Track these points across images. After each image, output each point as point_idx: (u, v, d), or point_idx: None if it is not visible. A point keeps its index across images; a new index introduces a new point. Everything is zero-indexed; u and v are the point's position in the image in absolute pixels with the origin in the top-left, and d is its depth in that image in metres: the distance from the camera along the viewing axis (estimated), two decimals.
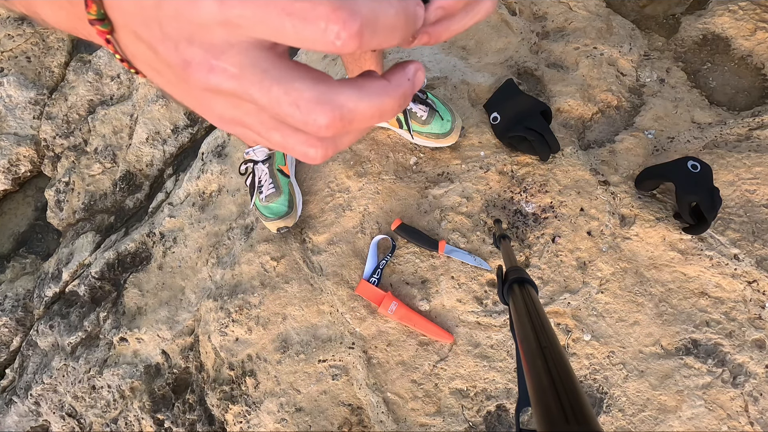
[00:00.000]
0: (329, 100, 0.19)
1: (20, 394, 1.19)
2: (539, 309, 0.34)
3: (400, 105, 0.21)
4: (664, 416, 0.87)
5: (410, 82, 0.21)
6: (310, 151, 0.21)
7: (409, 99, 0.21)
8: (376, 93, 0.20)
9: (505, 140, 1.07)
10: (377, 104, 0.20)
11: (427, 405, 0.94)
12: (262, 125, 0.20)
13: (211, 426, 1.05)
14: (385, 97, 0.20)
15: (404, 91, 0.21)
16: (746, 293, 0.91)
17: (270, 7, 0.17)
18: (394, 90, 0.20)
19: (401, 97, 0.21)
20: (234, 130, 0.22)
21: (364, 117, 0.20)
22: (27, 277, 1.37)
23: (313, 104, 0.19)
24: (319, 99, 0.19)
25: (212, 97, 0.20)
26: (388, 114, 0.21)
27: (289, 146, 0.21)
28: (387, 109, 0.20)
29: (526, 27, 1.25)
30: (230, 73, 0.18)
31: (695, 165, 0.91)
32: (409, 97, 0.21)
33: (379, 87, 0.20)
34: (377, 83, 0.20)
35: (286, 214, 1.04)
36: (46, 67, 1.56)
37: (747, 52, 1.14)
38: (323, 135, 0.20)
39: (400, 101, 0.21)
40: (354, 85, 0.19)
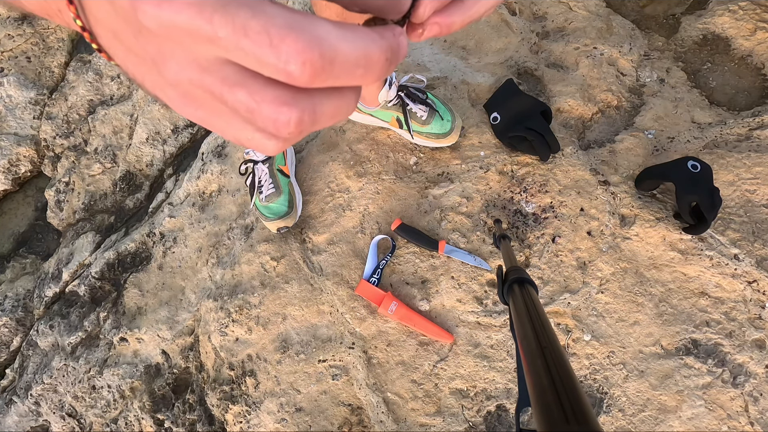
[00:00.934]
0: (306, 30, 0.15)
1: (20, 394, 1.19)
2: (539, 309, 0.34)
3: (386, 58, 0.18)
4: (664, 416, 0.87)
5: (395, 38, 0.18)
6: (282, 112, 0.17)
7: (396, 58, 0.19)
8: (362, 36, 0.17)
9: (505, 140, 1.07)
10: (363, 48, 0.17)
11: (427, 405, 0.94)
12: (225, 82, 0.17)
13: (211, 426, 1.05)
14: (372, 43, 0.17)
15: (391, 44, 0.18)
16: (746, 293, 0.91)
17: None
18: (381, 39, 0.18)
19: (388, 48, 0.18)
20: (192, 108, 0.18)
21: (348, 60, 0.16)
22: (27, 277, 1.37)
23: (287, 31, 0.15)
24: (293, 26, 0.15)
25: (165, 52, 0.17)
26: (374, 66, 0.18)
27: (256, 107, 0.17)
28: (373, 58, 0.17)
29: (526, 27, 1.25)
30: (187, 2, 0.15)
31: (695, 165, 0.91)
32: (395, 55, 0.18)
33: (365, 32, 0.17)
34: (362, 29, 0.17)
35: (286, 214, 1.04)
36: (46, 67, 1.56)
37: (747, 52, 1.14)
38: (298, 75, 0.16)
39: (386, 53, 0.18)
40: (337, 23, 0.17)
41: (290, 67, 0.15)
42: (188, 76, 0.17)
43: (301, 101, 0.17)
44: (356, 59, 0.17)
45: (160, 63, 0.17)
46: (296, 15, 0.16)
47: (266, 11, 0.15)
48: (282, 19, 0.15)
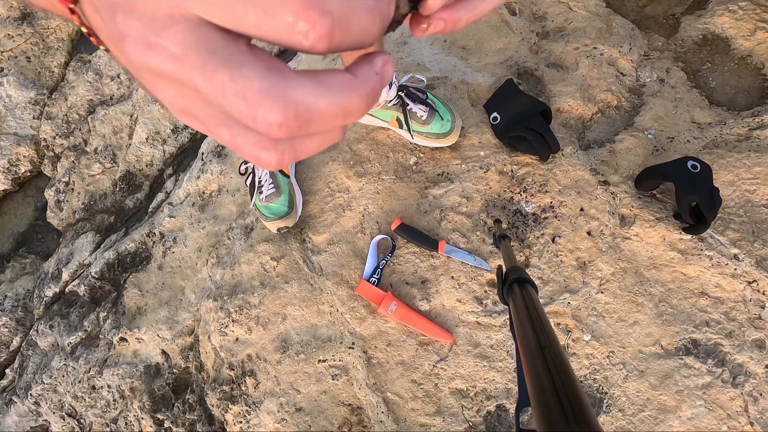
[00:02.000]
0: (282, 94, 0.16)
1: (20, 394, 1.19)
2: (539, 309, 0.34)
3: (367, 103, 0.18)
4: (664, 416, 0.87)
5: (378, 76, 0.18)
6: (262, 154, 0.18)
7: (378, 96, 0.19)
8: (339, 89, 0.17)
9: (505, 140, 1.07)
10: (340, 101, 0.17)
11: (427, 405, 0.94)
12: (211, 119, 0.17)
13: (211, 426, 1.05)
14: (350, 94, 0.17)
15: (372, 87, 0.18)
16: (746, 293, 0.91)
17: None
18: (360, 86, 0.18)
19: (369, 94, 0.18)
20: (188, 122, 0.19)
21: (325, 116, 0.17)
22: (27, 277, 1.37)
23: (263, 97, 0.16)
24: (269, 91, 0.16)
25: (157, 80, 0.17)
26: (354, 113, 0.18)
27: (238, 146, 0.18)
28: (352, 108, 0.18)
29: (526, 27, 1.25)
30: (170, 53, 0.15)
31: (695, 165, 0.91)
32: (377, 94, 0.19)
33: (343, 82, 0.17)
34: (340, 77, 0.17)
35: (287, 214, 1.04)
36: (46, 67, 1.56)
37: (747, 52, 1.14)
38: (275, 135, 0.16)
39: (367, 99, 0.18)
40: (313, 78, 0.17)
41: (267, 128, 0.16)
42: (178, 104, 0.18)
43: (280, 144, 0.18)
44: (334, 114, 0.17)
45: (153, 88, 0.18)
46: (273, 76, 0.16)
47: (243, 72, 0.15)
48: (258, 83, 0.16)
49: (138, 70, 0.17)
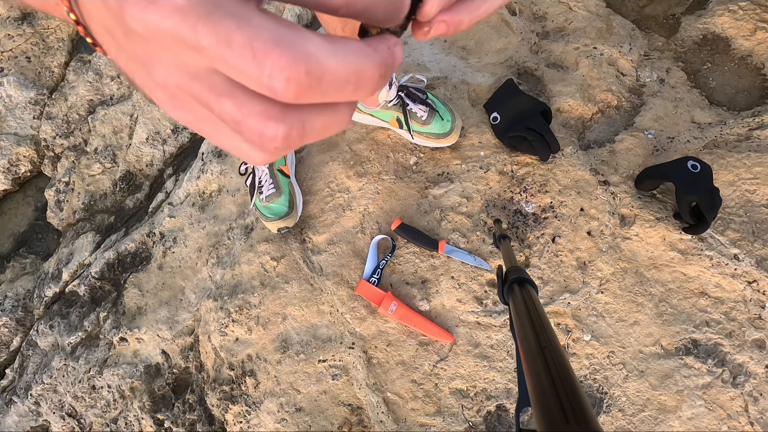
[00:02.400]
0: (293, 45, 0.15)
1: (20, 394, 1.19)
2: (539, 309, 0.34)
3: (380, 74, 0.17)
4: (664, 416, 0.87)
5: (390, 51, 0.18)
6: (269, 126, 0.16)
7: (390, 72, 0.18)
8: (354, 52, 0.16)
9: (505, 140, 1.07)
10: (353, 64, 0.16)
11: (427, 405, 0.94)
12: (212, 91, 0.16)
13: (211, 426, 1.05)
14: (364, 59, 0.17)
15: (384, 59, 0.17)
16: (746, 293, 0.91)
17: None
18: (374, 54, 0.17)
19: (381, 64, 0.17)
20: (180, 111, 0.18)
21: (338, 78, 0.16)
22: (27, 277, 1.37)
23: (272, 45, 0.15)
24: (280, 41, 0.15)
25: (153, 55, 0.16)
26: (365, 82, 0.17)
27: (242, 119, 0.16)
28: (365, 75, 0.17)
29: (526, 27, 1.25)
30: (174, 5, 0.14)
31: (695, 165, 0.91)
32: (389, 69, 0.18)
33: (358, 47, 0.17)
34: (355, 43, 0.17)
35: (287, 215, 1.04)
36: (46, 67, 1.56)
37: (747, 52, 1.14)
38: (283, 93, 0.15)
39: (380, 69, 0.17)
40: (327, 37, 0.16)
41: (274, 83, 0.15)
42: (175, 81, 0.17)
43: (289, 116, 0.16)
44: (347, 76, 0.16)
45: (148, 65, 0.17)
46: (285, 28, 0.15)
47: (252, 23, 0.15)
48: (268, 32, 0.15)
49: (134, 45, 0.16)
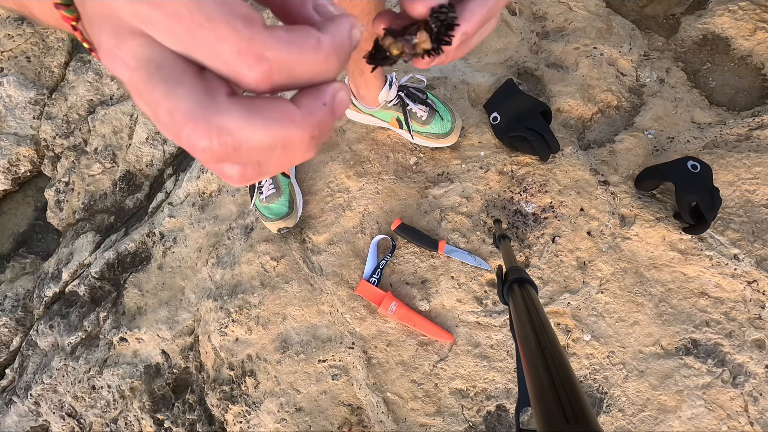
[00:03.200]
0: (208, 119, 0.16)
1: (20, 394, 1.19)
2: (539, 309, 0.34)
3: (312, 136, 0.17)
4: (664, 416, 0.87)
5: (327, 107, 0.18)
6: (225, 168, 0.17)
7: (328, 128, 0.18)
8: (276, 119, 0.16)
9: (505, 140, 1.07)
10: (275, 132, 0.16)
11: (427, 405, 0.94)
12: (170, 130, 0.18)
13: (211, 426, 1.05)
14: (289, 126, 0.17)
15: (318, 120, 0.17)
16: (746, 293, 0.91)
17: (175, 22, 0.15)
18: (302, 118, 0.17)
19: (314, 126, 0.17)
20: None
21: (258, 147, 0.16)
22: (27, 277, 1.37)
23: (187, 119, 0.16)
24: (194, 115, 0.16)
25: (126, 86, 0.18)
26: (294, 146, 0.17)
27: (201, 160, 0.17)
28: (293, 140, 0.17)
29: (526, 27, 1.25)
30: (127, 65, 0.16)
31: (695, 165, 0.91)
32: (326, 126, 0.18)
33: (282, 112, 0.17)
34: (279, 107, 0.17)
35: (287, 215, 1.04)
36: (46, 67, 1.56)
37: (747, 52, 1.14)
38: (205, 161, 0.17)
39: (312, 131, 0.17)
40: (248, 106, 0.16)
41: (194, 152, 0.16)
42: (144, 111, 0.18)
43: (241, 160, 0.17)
44: (269, 143, 0.16)
45: None
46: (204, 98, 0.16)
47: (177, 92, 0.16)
48: (185, 104, 0.16)
49: None
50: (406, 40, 0.22)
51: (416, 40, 0.22)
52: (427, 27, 0.21)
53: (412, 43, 0.22)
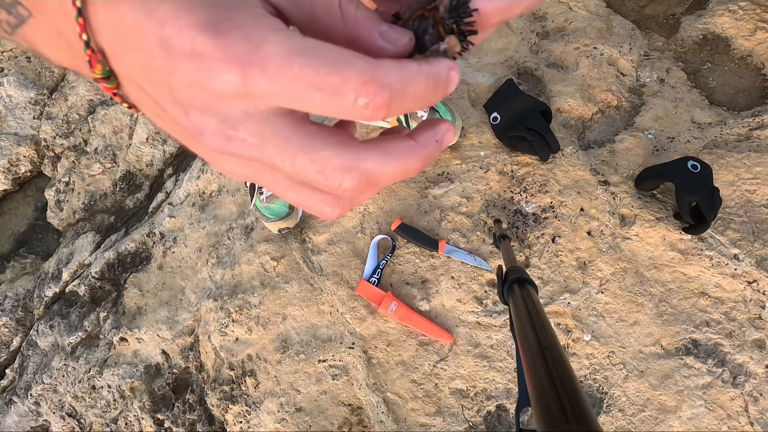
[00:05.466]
0: (356, 167, 0.18)
1: (20, 394, 1.19)
2: (539, 309, 0.34)
3: (423, 165, 0.20)
4: (664, 416, 0.87)
5: (438, 144, 0.20)
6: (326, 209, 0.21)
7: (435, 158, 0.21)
8: (402, 155, 0.19)
9: (505, 140, 1.07)
10: (402, 167, 0.19)
11: (427, 405, 0.94)
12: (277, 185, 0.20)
13: (211, 426, 1.05)
14: (411, 159, 0.20)
15: (430, 153, 0.20)
16: (746, 293, 0.91)
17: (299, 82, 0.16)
18: (420, 151, 0.20)
19: (426, 158, 0.20)
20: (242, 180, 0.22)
21: (389, 179, 0.19)
22: (27, 277, 1.37)
23: (340, 171, 0.18)
24: (346, 166, 0.18)
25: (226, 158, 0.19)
26: (411, 173, 0.20)
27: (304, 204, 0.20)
28: (411, 170, 0.20)
29: (526, 27, 1.25)
30: (249, 143, 0.18)
31: (695, 165, 0.91)
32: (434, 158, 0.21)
33: (406, 149, 0.19)
34: (404, 145, 0.20)
35: (287, 215, 1.04)
36: (46, 67, 1.56)
37: (747, 52, 1.14)
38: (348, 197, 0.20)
39: (424, 162, 0.20)
40: (380, 148, 0.19)
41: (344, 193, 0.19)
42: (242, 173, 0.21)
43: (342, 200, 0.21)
44: (396, 176, 0.19)
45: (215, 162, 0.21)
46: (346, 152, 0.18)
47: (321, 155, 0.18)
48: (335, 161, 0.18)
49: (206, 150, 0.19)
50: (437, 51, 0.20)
51: (445, 46, 0.20)
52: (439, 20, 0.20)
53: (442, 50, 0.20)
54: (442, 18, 0.20)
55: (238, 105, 0.17)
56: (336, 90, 0.16)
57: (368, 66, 0.17)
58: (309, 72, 0.16)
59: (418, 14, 0.21)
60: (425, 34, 0.20)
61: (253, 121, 0.17)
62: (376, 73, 0.17)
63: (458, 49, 0.21)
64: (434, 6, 0.20)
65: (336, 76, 0.16)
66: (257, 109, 0.17)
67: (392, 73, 0.17)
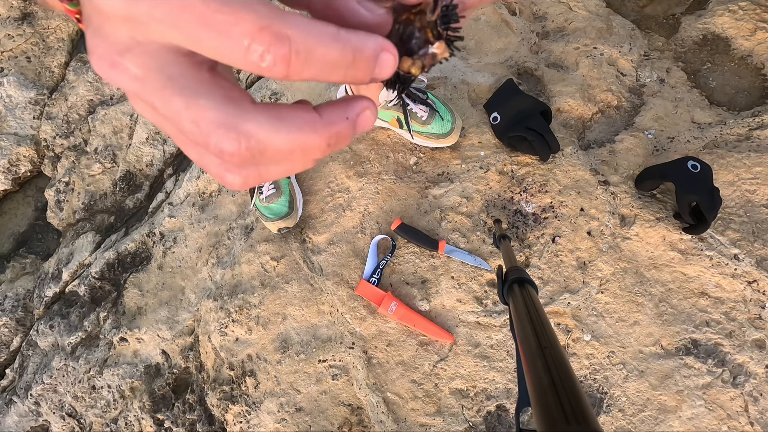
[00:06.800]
0: (235, 126, 0.16)
1: (20, 394, 1.19)
2: (539, 309, 0.34)
3: (328, 144, 0.18)
4: (664, 416, 0.87)
5: (349, 121, 0.18)
6: (227, 176, 0.18)
7: (346, 140, 0.18)
8: (298, 126, 0.17)
9: (505, 140, 1.07)
10: (297, 139, 0.17)
11: (427, 405, 0.94)
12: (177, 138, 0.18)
13: (211, 426, 1.05)
14: (310, 133, 0.17)
15: (338, 131, 0.18)
16: (746, 293, 0.91)
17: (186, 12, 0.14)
18: (323, 127, 0.17)
19: (332, 136, 0.18)
20: None
21: (280, 151, 0.17)
22: (27, 277, 1.37)
23: (215, 126, 0.16)
24: (222, 122, 0.16)
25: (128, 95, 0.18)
26: (314, 152, 0.18)
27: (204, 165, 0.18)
28: (312, 147, 0.17)
29: (526, 27, 1.25)
30: (132, 74, 0.16)
31: (695, 165, 0.91)
32: (344, 138, 0.18)
33: (304, 120, 0.17)
34: (303, 115, 0.17)
35: (287, 215, 1.04)
36: (46, 67, 1.56)
37: (747, 52, 1.14)
38: (230, 162, 0.17)
39: (329, 140, 0.18)
40: (272, 113, 0.17)
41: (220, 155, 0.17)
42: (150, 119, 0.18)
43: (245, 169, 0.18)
44: (289, 149, 0.17)
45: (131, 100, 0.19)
46: (229, 107, 0.16)
47: (199, 103, 0.16)
48: (212, 113, 0.16)
49: None
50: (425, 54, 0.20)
51: (433, 50, 0.20)
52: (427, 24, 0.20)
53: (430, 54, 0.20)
54: (430, 22, 0.20)
55: (124, 30, 0.15)
56: (226, 31, 0.14)
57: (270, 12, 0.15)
58: (198, 5, 0.14)
59: (403, 18, 0.20)
60: (411, 38, 0.20)
61: (141, 51, 0.16)
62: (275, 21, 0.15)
63: (447, 55, 0.21)
64: (419, 9, 0.20)
65: (228, 14, 0.14)
66: (147, 38, 0.15)
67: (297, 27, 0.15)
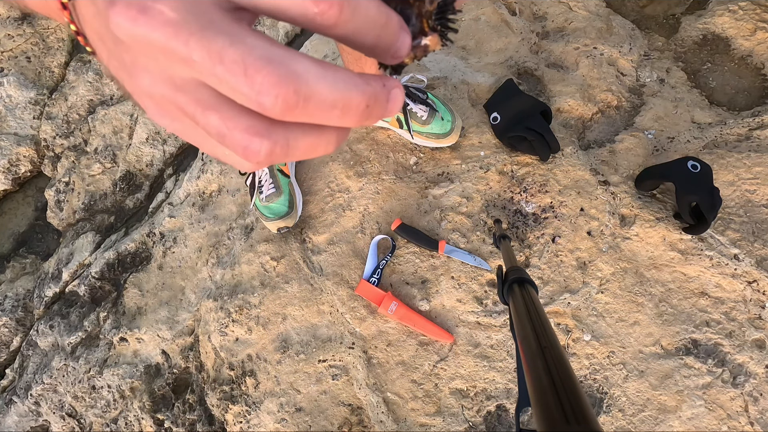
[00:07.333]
0: (284, 64, 0.15)
1: (20, 394, 1.19)
2: (539, 309, 0.34)
3: (367, 105, 0.17)
4: (664, 416, 0.87)
5: (385, 89, 0.18)
6: (254, 141, 0.16)
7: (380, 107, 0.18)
8: (343, 80, 0.17)
9: (505, 140, 1.07)
10: (341, 92, 0.16)
11: (427, 405, 0.94)
12: (198, 104, 0.16)
13: (211, 426, 1.05)
14: (353, 90, 0.17)
15: (376, 93, 0.17)
16: (746, 293, 0.91)
17: None
18: (365, 86, 0.17)
19: (371, 96, 0.17)
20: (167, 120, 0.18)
21: (324, 101, 0.16)
22: (27, 277, 1.37)
23: (263, 63, 0.15)
24: (272, 59, 0.15)
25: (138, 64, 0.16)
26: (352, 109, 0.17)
27: (228, 132, 0.16)
28: (352, 102, 0.17)
29: (526, 27, 1.25)
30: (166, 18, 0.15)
31: (695, 165, 0.91)
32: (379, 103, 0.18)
33: (348, 77, 0.17)
34: (347, 72, 0.17)
35: (287, 215, 1.04)
36: (46, 67, 1.56)
37: (747, 52, 1.14)
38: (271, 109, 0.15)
39: (368, 101, 0.17)
40: (319, 62, 0.16)
41: (263, 99, 0.15)
42: (161, 92, 0.17)
43: (274, 133, 0.17)
44: (333, 100, 0.16)
45: (134, 73, 0.17)
46: (277, 49, 0.15)
47: (246, 41, 0.15)
48: (261, 51, 0.15)
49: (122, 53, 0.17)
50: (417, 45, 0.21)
51: (426, 41, 0.21)
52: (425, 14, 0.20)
53: (423, 45, 0.21)
54: (428, 13, 0.20)
55: None
56: None
57: None
58: None
59: None
60: (408, 23, 0.20)
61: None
62: None
63: (438, 48, 0.21)
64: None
65: None
66: None
67: None
